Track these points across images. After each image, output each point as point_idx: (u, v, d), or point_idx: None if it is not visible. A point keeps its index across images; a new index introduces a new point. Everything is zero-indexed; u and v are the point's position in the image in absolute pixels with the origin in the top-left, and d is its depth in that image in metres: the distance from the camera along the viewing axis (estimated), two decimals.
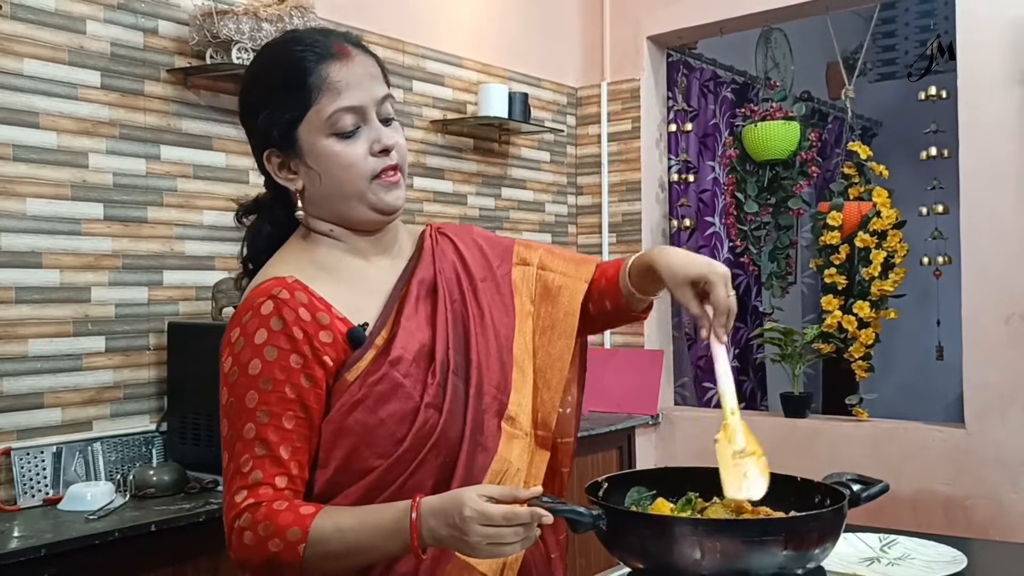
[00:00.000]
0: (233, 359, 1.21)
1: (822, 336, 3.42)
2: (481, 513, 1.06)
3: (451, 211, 3.50)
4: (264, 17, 2.59)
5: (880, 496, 1.35)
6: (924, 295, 3.61)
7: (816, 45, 4.36)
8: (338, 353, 1.21)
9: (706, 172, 4.22)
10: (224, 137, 2.71)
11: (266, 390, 1.18)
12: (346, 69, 1.24)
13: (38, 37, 2.33)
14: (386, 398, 1.21)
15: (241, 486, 1.17)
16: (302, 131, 1.24)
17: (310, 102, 1.23)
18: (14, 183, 2.28)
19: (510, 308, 1.38)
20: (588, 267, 1.46)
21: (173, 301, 2.60)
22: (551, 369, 1.38)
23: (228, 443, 1.20)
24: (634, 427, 3.67)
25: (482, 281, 1.37)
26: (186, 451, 2.44)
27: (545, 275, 1.43)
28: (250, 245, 1.37)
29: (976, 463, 3.09)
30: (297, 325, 1.19)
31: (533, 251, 1.46)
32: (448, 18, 3.51)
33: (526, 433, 1.33)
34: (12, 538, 1.93)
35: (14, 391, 2.28)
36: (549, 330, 1.40)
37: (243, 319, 1.22)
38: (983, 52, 3.12)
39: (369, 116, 1.25)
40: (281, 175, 1.29)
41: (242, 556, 1.16)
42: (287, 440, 1.18)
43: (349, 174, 1.25)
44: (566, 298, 1.41)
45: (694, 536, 1.14)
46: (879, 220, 3.29)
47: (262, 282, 1.24)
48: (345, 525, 1.13)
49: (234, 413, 1.20)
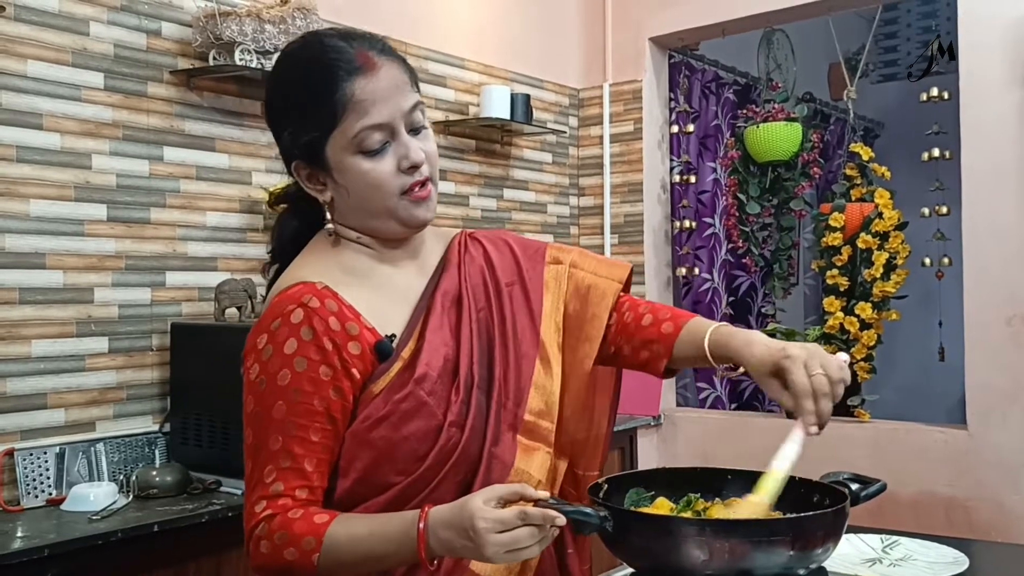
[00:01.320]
0: (260, 367, 1.18)
1: (824, 337, 3.42)
2: (495, 520, 1.05)
3: (453, 212, 3.50)
4: (267, 19, 2.59)
5: (878, 495, 1.35)
6: (926, 296, 3.61)
7: (818, 46, 4.37)
8: (365, 365, 1.20)
9: (706, 173, 4.22)
10: (227, 138, 2.72)
11: (295, 401, 1.16)
12: (372, 84, 1.19)
13: (41, 39, 2.34)
14: (410, 416, 1.20)
15: (261, 496, 1.16)
16: (329, 149, 1.21)
17: (336, 121, 1.19)
18: (18, 184, 2.29)
19: (536, 312, 1.35)
20: (621, 270, 1.43)
21: (176, 302, 2.60)
22: (573, 373, 1.36)
23: (252, 451, 1.19)
24: (636, 428, 3.68)
25: (508, 286, 1.36)
26: (189, 452, 2.45)
27: (577, 273, 1.40)
28: (276, 236, 1.36)
29: (978, 464, 3.09)
30: (327, 336, 1.17)
31: (566, 252, 1.44)
32: (450, 20, 3.51)
33: (548, 442, 1.31)
34: (15, 538, 1.94)
35: (17, 392, 2.28)
36: (576, 331, 1.37)
37: (271, 326, 1.19)
38: (984, 53, 3.12)
39: (397, 130, 1.22)
40: (310, 185, 1.26)
41: (259, 564, 1.17)
42: (313, 452, 1.17)
43: (378, 192, 1.22)
44: (596, 298, 1.38)
45: (701, 537, 1.14)
46: (881, 221, 3.29)
47: (290, 286, 1.22)
48: (358, 534, 1.13)
49: (260, 423, 1.18)
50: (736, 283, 4.42)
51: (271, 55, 2.64)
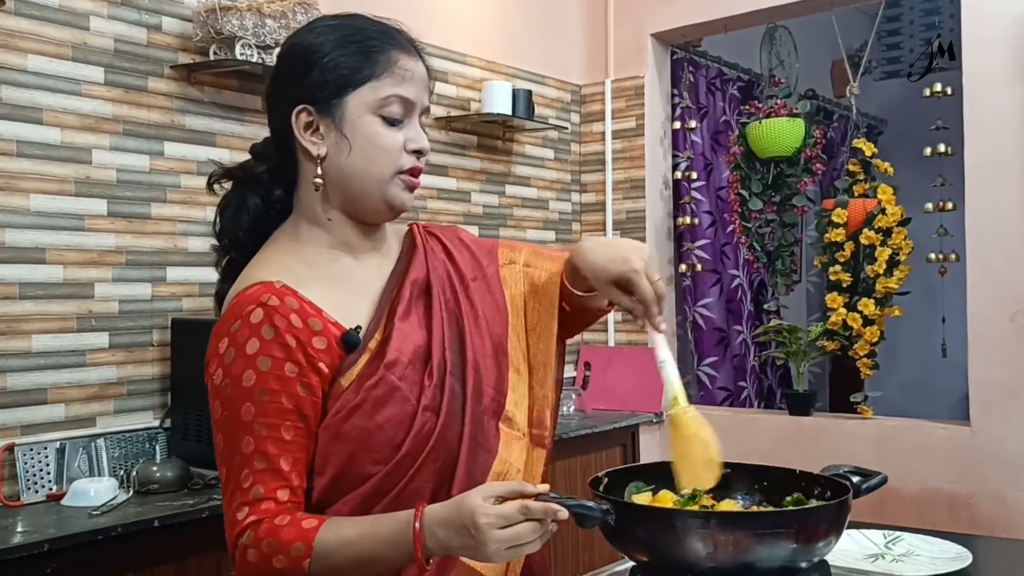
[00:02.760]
0: (224, 371, 1.16)
1: (827, 334, 3.41)
2: (497, 516, 1.04)
3: (455, 208, 3.50)
4: (268, 13, 2.59)
5: (879, 488, 1.34)
6: (929, 292, 3.60)
7: (821, 43, 4.35)
8: (332, 358, 1.18)
9: (721, 169, 4.19)
10: (228, 133, 2.71)
11: (262, 401, 1.14)
12: (412, 64, 1.27)
13: (42, 33, 2.33)
14: (383, 402, 1.18)
15: (243, 502, 1.14)
16: (351, 98, 1.23)
17: (372, 76, 1.23)
18: (18, 179, 2.28)
19: (502, 307, 1.37)
20: (561, 260, 1.43)
21: (176, 297, 2.60)
22: (543, 366, 1.37)
23: (225, 458, 1.17)
24: (637, 425, 3.67)
25: (473, 280, 1.36)
26: (189, 447, 2.44)
27: (531, 272, 1.42)
28: (231, 219, 1.31)
29: (981, 461, 3.09)
30: (290, 332, 1.16)
31: (517, 251, 1.45)
32: (452, 15, 3.50)
33: (523, 433, 1.32)
34: (15, 533, 1.94)
35: (18, 387, 2.28)
36: (538, 327, 1.39)
37: (231, 328, 1.17)
38: (988, 49, 3.11)
39: (414, 114, 1.27)
40: (305, 135, 1.24)
41: (247, 573, 1.15)
42: (287, 451, 1.15)
43: (381, 157, 1.24)
44: (550, 293, 1.39)
45: (706, 529, 1.14)
46: (884, 217, 3.28)
47: (247, 287, 1.19)
48: (348, 538, 1.11)
49: (230, 427, 1.16)
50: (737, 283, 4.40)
51: (272, 50, 2.64)
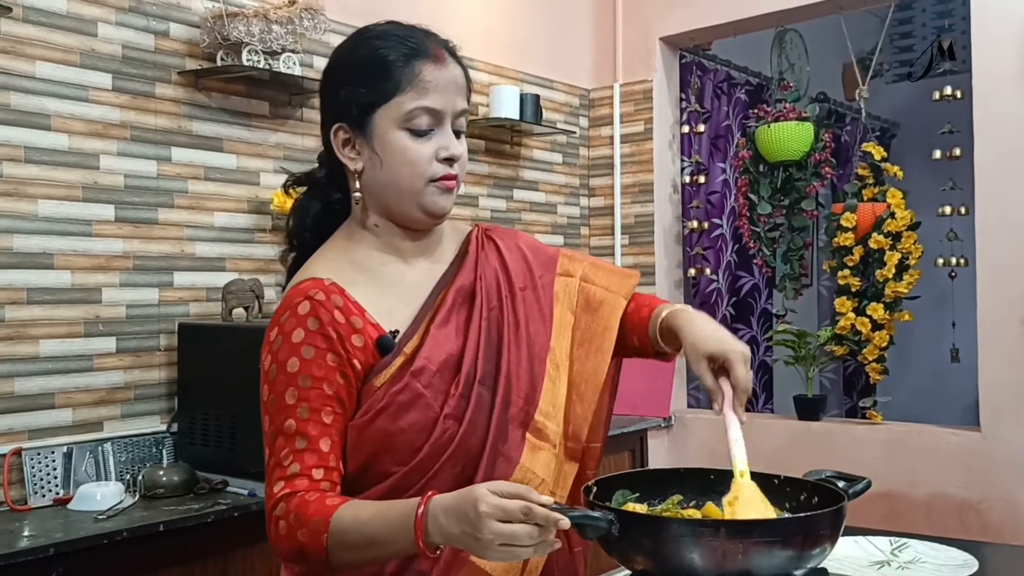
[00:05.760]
0: (272, 357, 1.24)
1: (836, 338, 3.40)
2: (498, 507, 1.04)
3: (463, 213, 3.50)
4: (274, 19, 2.60)
5: (864, 493, 1.33)
6: (940, 297, 3.58)
7: (831, 47, 4.34)
8: (367, 358, 1.24)
9: (716, 173, 4.19)
10: (235, 139, 2.72)
11: (305, 387, 1.21)
12: (437, 72, 1.28)
13: (50, 40, 2.35)
14: (406, 408, 1.23)
15: (279, 477, 1.20)
16: (378, 116, 1.27)
17: (395, 92, 1.26)
18: (26, 185, 2.30)
19: (548, 318, 1.38)
20: (630, 281, 1.46)
21: (184, 302, 2.61)
22: (586, 383, 1.38)
23: (270, 438, 1.23)
24: (646, 429, 3.66)
25: (522, 290, 1.38)
26: (196, 452, 2.45)
27: (587, 288, 1.43)
28: (297, 220, 1.39)
29: (991, 466, 3.06)
30: (332, 326, 1.22)
31: (577, 263, 1.46)
32: (459, 20, 3.51)
33: (554, 444, 1.32)
34: (22, 537, 1.94)
35: (25, 391, 2.29)
36: (587, 343, 1.40)
37: (281, 319, 1.25)
38: (998, 50, 3.09)
39: (444, 122, 1.29)
40: (344, 152, 1.30)
41: (276, 545, 1.20)
42: (327, 433, 1.21)
43: (410, 171, 1.27)
44: (606, 312, 1.41)
45: (715, 539, 1.13)
46: (893, 221, 3.27)
47: (300, 282, 1.27)
48: (363, 517, 1.14)
49: (275, 409, 1.23)
50: (741, 284, 4.39)
51: (278, 55, 2.65)
